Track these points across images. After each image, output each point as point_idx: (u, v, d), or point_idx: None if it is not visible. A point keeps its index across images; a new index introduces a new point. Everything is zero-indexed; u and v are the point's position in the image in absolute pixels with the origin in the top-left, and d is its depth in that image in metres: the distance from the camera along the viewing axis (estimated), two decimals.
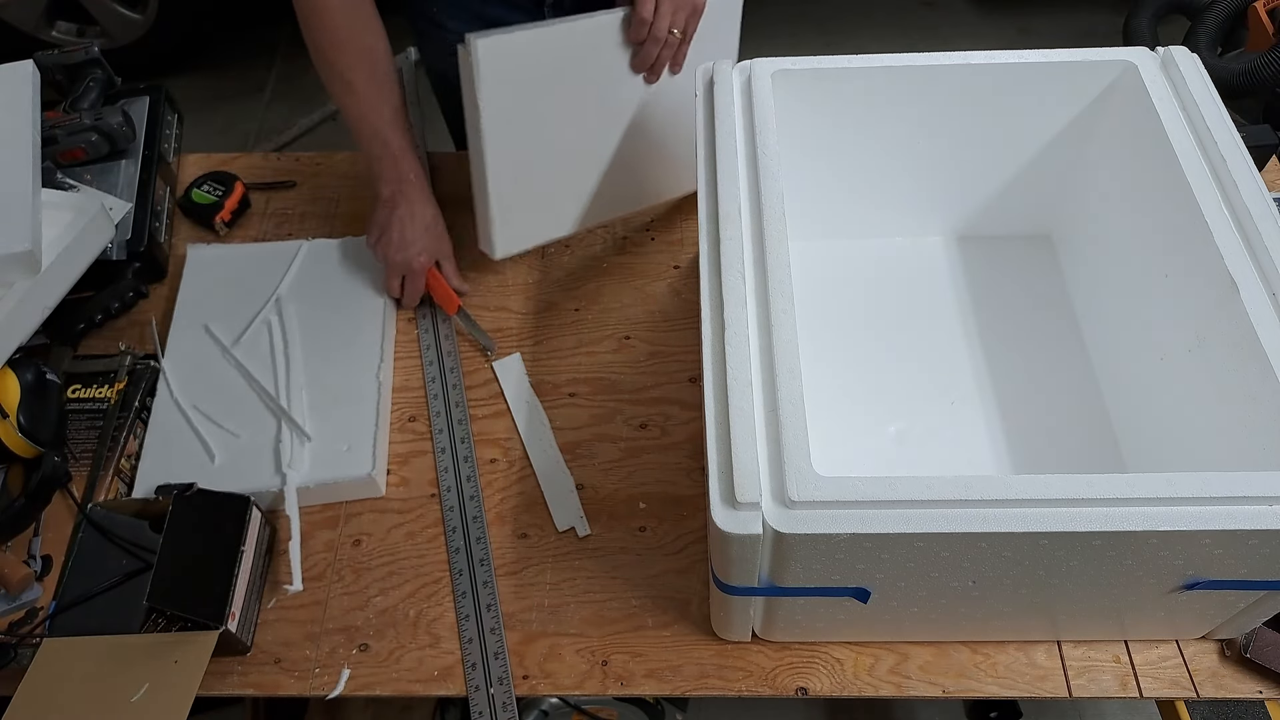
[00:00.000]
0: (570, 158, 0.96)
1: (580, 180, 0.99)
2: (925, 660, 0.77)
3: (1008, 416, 0.89)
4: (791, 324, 0.65)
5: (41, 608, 0.81)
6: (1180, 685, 0.75)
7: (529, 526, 0.86)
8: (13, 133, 0.96)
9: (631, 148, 0.98)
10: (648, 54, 0.89)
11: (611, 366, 0.97)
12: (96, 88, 1.10)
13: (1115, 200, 0.87)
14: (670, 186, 1.06)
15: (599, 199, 1.01)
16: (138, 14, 2.33)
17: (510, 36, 0.84)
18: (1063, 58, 0.82)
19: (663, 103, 0.96)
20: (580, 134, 0.94)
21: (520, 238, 0.99)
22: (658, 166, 1.03)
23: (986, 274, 0.99)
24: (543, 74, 0.87)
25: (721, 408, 0.62)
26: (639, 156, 0.99)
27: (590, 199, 1.00)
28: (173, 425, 0.90)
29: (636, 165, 1.00)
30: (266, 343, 0.96)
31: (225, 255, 1.03)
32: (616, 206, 1.04)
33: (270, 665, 0.79)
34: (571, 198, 0.99)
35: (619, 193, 1.02)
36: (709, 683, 0.77)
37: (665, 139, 0.99)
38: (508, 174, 0.92)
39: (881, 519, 0.56)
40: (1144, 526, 0.55)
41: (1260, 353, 0.63)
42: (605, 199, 1.01)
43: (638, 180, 1.02)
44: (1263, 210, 0.69)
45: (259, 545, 0.82)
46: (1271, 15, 1.93)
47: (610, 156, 0.97)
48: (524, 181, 0.94)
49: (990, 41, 2.58)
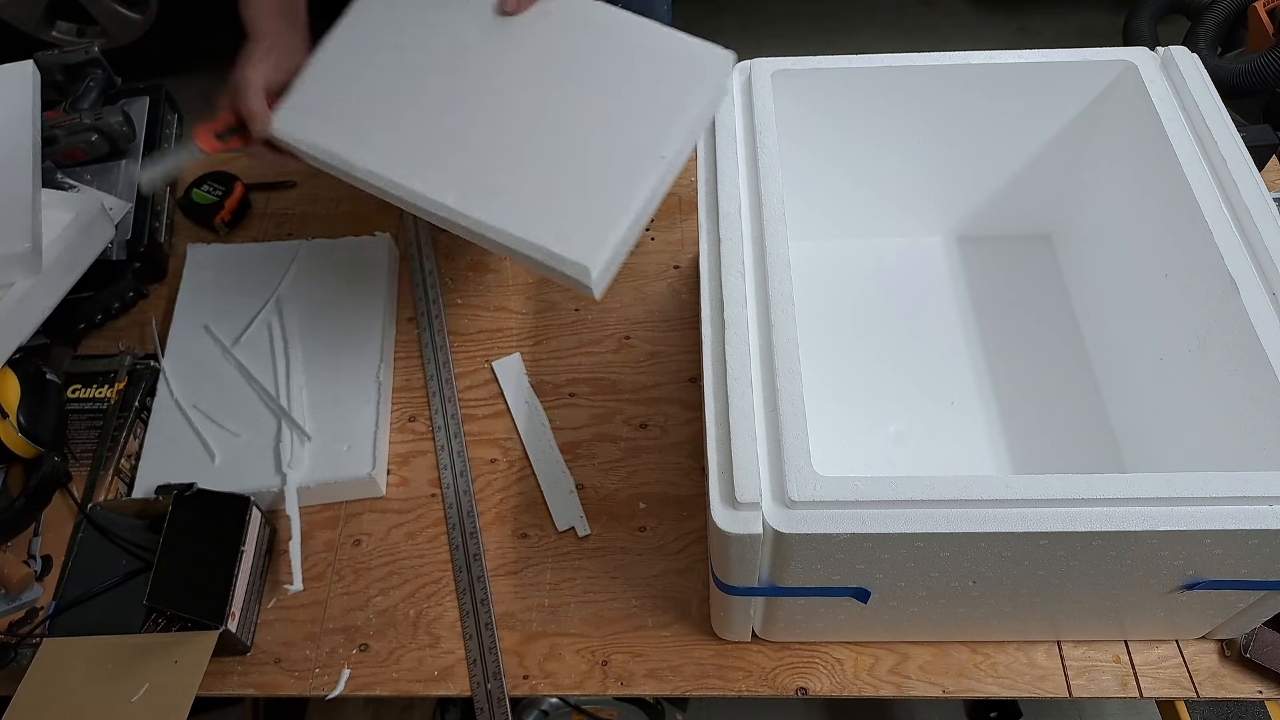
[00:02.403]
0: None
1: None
2: (925, 660, 0.77)
3: (1008, 416, 0.89)
4: (791, 324, 0.65)
5: (41, 608, 0.81)
6: (1180, 685, 0.75)
7: (529, 526, 0.86)
8: (13, 133, 0.95)
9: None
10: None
11: (611, 366, 0.97)
12: (96, 88, 1.10)
13: (1115, 200, 0.87)
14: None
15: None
16: (138, 14, 2.33)
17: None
18: (1063, 58, 0.82)
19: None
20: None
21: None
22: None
23: (986, 274, 0.99)
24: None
25: (721, 408, 0.62)
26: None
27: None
28: (173, 425, 0.90)
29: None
30: (266, 343, 0.96)
31: (225, 255, 1.03)
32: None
33: (270, 665, 0.79)
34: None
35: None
36: (709, 683, 0.77)
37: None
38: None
39: (881, 519, 0.56)
40: (1144, 526, 0.55)
41: (1260, 353, 0.63)
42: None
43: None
44: (1263, 210, 0.69)
45: (259, 545, 0.82)
46: (1271, 15, 1.93)
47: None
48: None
49: (990, 41, 2.58)
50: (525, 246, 0.67)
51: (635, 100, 0.70)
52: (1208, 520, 0.55)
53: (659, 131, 0.68)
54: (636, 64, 0.72)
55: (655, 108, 0.69)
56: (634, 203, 0.67)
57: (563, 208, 0.67)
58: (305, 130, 0.75)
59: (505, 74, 0.73)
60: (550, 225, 0.66)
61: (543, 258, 0.66)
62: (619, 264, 0.69)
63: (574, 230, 0.66)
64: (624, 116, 0.69)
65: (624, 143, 0.68)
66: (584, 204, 0.67)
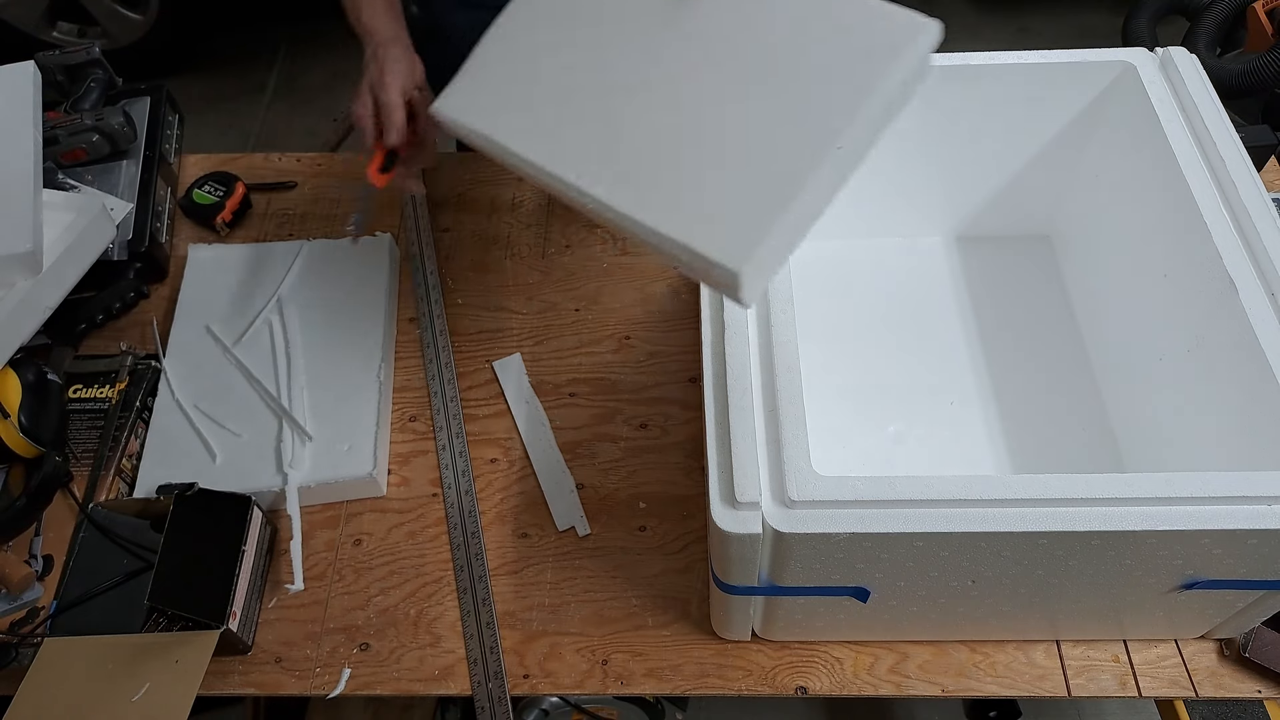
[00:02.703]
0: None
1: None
2: (925, 660, 0.77)
3: (1007, 417, 0.89)
4: (791, 324, 0.65)
5: (42, 607, 0.81)
6: (1179, 685, 0.76)
7: (529, 526, 0.86)
8: (14, 133, 0.96)
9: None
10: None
11: (611, 366, 0.97)
12: (97, 88, 1.10)
13: (1115, 200, 0.87)
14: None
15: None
16: (138, 14, 2.34)
17: None
18: (1062, 58, 0.82)
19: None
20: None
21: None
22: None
23: (986, 274, 0.99)
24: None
25: (721, 408, 0.62)
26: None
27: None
28: (174, 425, 0.90)
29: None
30: (267, 343, 0.96)
31: (226, 255, 1.04)
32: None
33: (271, 665, 0.80)
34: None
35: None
36: (709, 682, 0.77)
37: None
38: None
39: (881, 519, 0.56)
40: (1143, 526, 0.55)
41: (1259, 353, 0.63)
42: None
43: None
44: (1261, 211, 0.69)
45: (260, 545, 0.82)
46: (1271, 15, 1.93)
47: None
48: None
49: (990, 41, 2.57)
50: (673, 245, 0.59)
51: (813, 82, 0.60)
52: (1207, 520, 0.56)
53: (836, 119, 0.58)
54: (818, 39, 0.61)
55: (835, 91, 0.59)
56: (795, 200, 0.57)
57: (718, 204, 0.59)
58: (464, 114, 0.74)
59: (670, 61, 0.66)
60: (701, 223, 0.59)
61: (689, 258, 0.59)
62: (778, 266, 0.61)
63: (726, 229, 0.58)
64: (799, 102, 0.60)
65: (795, 133, 0.59)
66: (741, 201, 0.58)
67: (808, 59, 0.61)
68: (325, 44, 2.59)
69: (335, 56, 2.57)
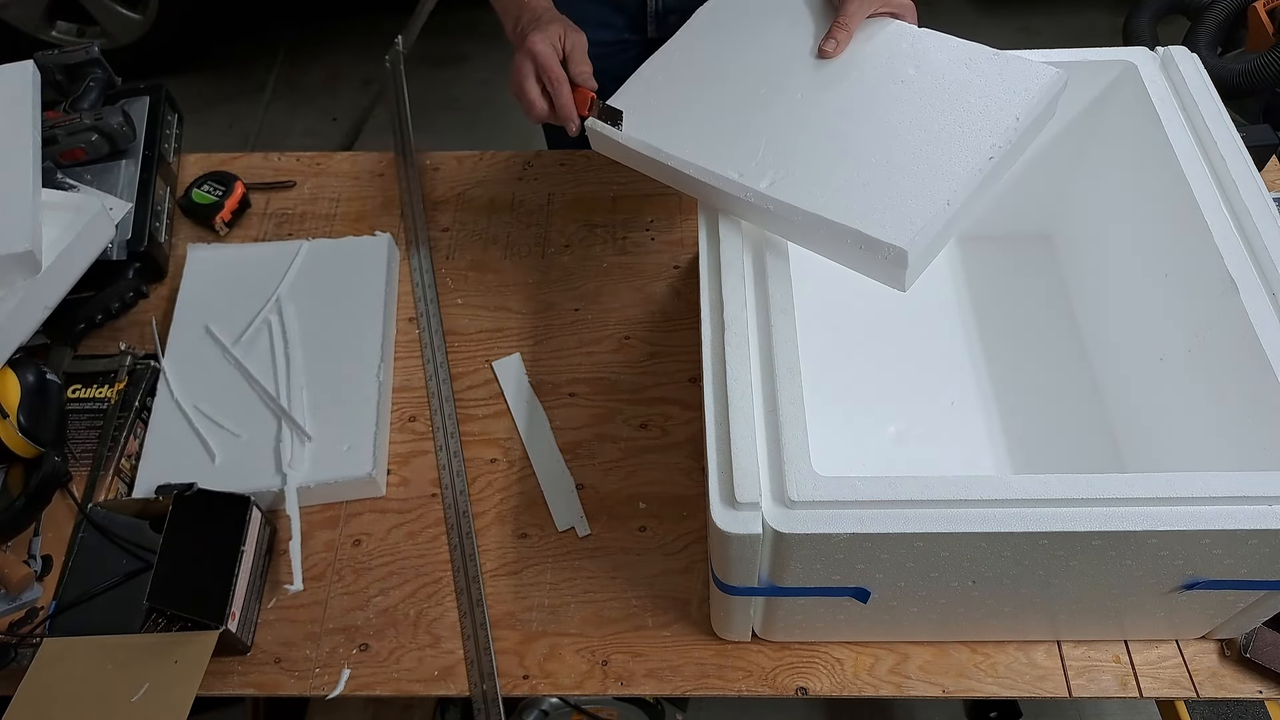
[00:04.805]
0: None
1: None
2: (925, 660, 0.77)
3: (1007, 416, 0.89)
4: (791, 324, 0.65)
5: (42, 607, 0.81)
6: (1180, 685, 0.75)
7: (529, 526, 0.86)
8: (13, 133, 0.96)
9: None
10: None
11: (611, 366, 0.97)
12: (97, 88, 1.10)
13: (1115, 200, 0.87)
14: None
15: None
16: (138, 14, 2.34)
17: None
18: (1063, 58, 0.82)
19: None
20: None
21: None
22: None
23: (986, 274, 0.99)
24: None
25: (721, 408, 0.62)
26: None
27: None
28: (173, 425, 0.90)
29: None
30: (267, 343, 0.96)
31: (225, 255, 1.03)
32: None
33: (270, 665, 0.79)
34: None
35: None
36: (709, 682, 0.77)
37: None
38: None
39: (881, 519, 0.56)
40: (1143, 526, 0.55)
41: (1260, 353, 0.63)
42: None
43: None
44: (1262, 210, 0.69)
45: (259, 545, 0.82)
46: (1271, 15, 1.92)
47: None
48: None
49: (990, 41, 2.57)
50: (840, 232, 0.67)
51: (965, 110, 0.71)
52: (1207, 520, 0.55)
53: (987, 135, 0.69)
54: (962, 81, 0.73)
55: (982, 117, 0.70)
56: (955, 197, 0.66)
57: (882, 198, 0.67)
58: (628, 128, 0.80)
59: (825, 92, 0.76)
60: (869, 212, 0.66)
61: (854, 241, 0.66)
62: (932, 257, 0.69)
63: (892, 216, 0.66)
64: (951, 124, 0.70)
65: (949, 146, 0.69)
66: (904, 195, 0.67)
67: (957, 93, 0.73)
68: (325, 44, 2.59)
69: (335, 56, 2.57)
